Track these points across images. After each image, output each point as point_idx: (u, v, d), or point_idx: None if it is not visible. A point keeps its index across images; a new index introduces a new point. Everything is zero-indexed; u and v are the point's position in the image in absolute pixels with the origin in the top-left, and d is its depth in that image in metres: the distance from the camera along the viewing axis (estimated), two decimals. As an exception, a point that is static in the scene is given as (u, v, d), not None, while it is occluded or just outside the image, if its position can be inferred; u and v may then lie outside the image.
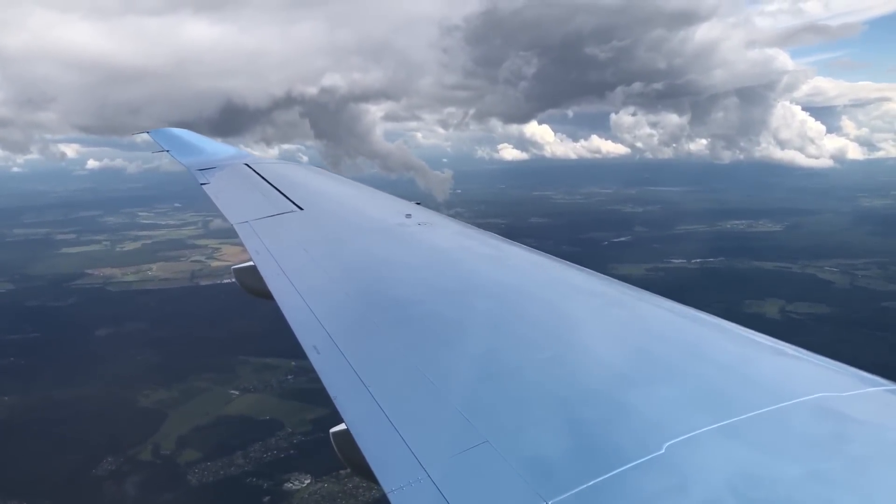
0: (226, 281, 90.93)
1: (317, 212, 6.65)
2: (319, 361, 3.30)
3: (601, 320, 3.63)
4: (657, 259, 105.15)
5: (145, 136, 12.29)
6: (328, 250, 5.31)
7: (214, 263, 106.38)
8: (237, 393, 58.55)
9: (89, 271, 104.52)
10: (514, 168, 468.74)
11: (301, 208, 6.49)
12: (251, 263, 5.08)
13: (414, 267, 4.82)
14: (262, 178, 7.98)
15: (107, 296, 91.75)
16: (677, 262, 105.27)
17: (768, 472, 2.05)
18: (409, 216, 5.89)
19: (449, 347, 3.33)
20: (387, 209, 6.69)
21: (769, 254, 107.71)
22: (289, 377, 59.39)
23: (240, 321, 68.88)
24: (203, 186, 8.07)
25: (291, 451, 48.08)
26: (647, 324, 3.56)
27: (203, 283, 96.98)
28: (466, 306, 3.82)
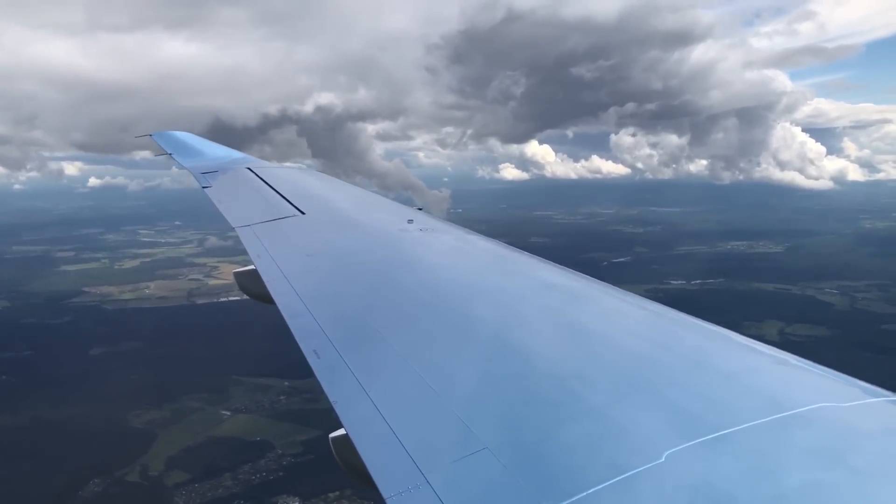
0: (222, 300, 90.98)
1: (318, 216, 6.69)
2: (319, 366, 3.27)
3: (602, 327, 3.61)
4: (657, 280, 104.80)
5: (147, 153, 12.38)
6: (329, 254, 5.35)
7: (212, 282, 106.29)
8: (229, 413, 57.93)
9: (87, 289, 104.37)
10: (514, 188, 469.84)
11: (303, 212, 6.51)
12: (252, 267, 5.08)
13: (415, 272, 4.83)
14: (265, 181, 8.02)
15: (103, 314, 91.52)
16: (677, 282, 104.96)
17: (768, 481, 2.02)
18: (410, 221, 5.89)
19: (450, 353, 3.32)
20: (389, 214, 6.79)
21: (769, 275, 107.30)
22: (281, 398, 58.93)
23: (234, 340, 68.73)
24: (205, 190, 8.09)
25: (281, 473, 47.48)
26: (648, 331, 3.57)
27: (200, 301, 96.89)
28: (468, 312, 3.82)
